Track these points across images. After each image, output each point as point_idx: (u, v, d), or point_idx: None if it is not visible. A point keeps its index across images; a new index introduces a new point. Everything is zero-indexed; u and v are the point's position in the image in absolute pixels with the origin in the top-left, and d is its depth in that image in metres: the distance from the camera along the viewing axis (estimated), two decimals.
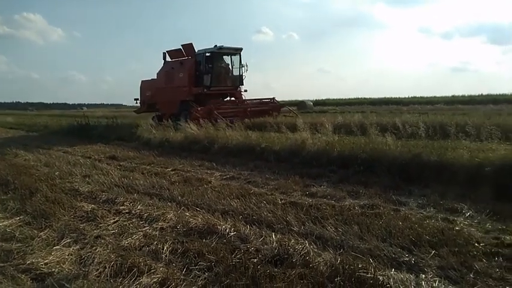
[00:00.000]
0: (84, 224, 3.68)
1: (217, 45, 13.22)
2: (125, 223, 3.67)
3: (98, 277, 2.60)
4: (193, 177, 5.69)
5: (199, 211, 3.95)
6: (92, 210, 4.07)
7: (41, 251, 3.02)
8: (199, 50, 13.63)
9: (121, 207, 4.20)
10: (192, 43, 13.70)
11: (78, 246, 3.14)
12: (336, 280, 2.42)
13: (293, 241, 3.03)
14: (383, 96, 38.28)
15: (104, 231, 3.48)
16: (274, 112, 13.92)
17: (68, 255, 2.95)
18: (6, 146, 9.61)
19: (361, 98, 39.23)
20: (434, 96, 35.68)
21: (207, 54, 13.41)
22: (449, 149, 5.38)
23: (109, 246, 3.08)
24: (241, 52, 13.86)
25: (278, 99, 14.93)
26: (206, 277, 2.57)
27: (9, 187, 5.20)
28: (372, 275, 2.44)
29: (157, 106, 15.00)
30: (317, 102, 35.17)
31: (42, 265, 2.77)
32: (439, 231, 3.18)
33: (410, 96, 37.37)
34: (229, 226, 3.40)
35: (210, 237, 3.23)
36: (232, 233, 3.26)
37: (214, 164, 6.63)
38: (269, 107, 14.14)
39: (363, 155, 5.79)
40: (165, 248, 3.00)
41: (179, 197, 4.52)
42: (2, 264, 2.85)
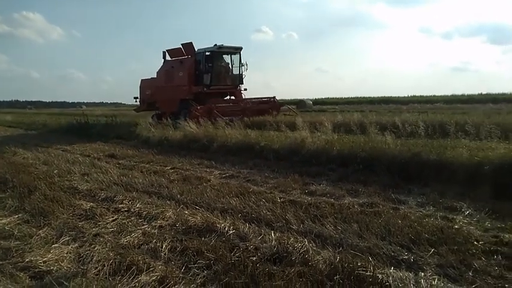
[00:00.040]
0: (82, 222, 3.68)
1: (217, 44, 13.21)
2: (124, 221, 3.67)
3: (97, 275, 2.59)
4: (192, 175, 5.68)
5: (198, 209, 3.94)
6: (91, 208, 4.07)
7: (40, 249, 3.01)
8: (199, 49, 13.62)
9: (120, 205, 4.19)
10: (192, 42, 13.71)
11: (76, 244, 3.13)
12: (335, 278, 2.42)
13: (292, 239, 3.03)
14: (382, 95, 38.35)
15: (103, 229, 3.47)
16: (273, 111, 13.91)
17: (67, 253, 2.94)
18: (5, 144, 9.60)
19: (360, 97, 39.36)
20: (433, 95, 35.76)
21: (207, 53, 13.40)
22: (448, 148, 5.39)
23: (108, 244, 3.07)
24: (241, 51, 13.85)
25: (278, 98, 14.92)
26: (205, 275, 2.57)
27: (7, 185, 5.20)
28: (371, 273, 2.43)
29: (157, 105, 14.99)
30: (316, 101, 35.20)
31: (40, 263, 2.77)
32: (438, 229, 3.18)
33: (409, 95, 37.43)
34: (228, 224, 3.39)
35: (209, 235, 3.23)
36: (231, 231, 3.25)
37: (213, 163, 6.63)
38: (269, 106, 14.12)
39: (363, 154, 5.80)
40: (164, 246, 3.00)
41: (178, 195, 4.52)
42: (1, 262, 2.84)
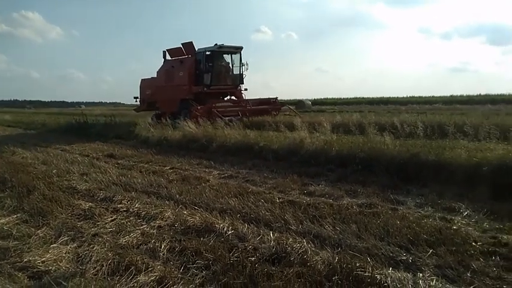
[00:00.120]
0: (81, 222, 3.68)
1: (217, 43, 13.20)
2: (123, 221, 3.67)
3: (95, 275, 2.59)
4: (191, 175, 5.68)
5: (197, 209, 3.94)
6: (90, 208, 4.07)
7: (38, 249, 3.01)
8: (199, 49, 13.60)
9: (119, 205, 4.19)
10: (192, 42, 13.69)
11: (75, 244, 3.13)
12: (334, 279, 2.42)
13: (291, 240, 3.03)
14: (381, 96, 38.36)
15: (102, 229, 3.47)
16: (273, 111, 13.90)
17: (65, 253, 2.94)
18: (3, 144, 9.59)
19: (359, 98, 39.29)
20: (432, 96, 35.75)
21: (207, 52, 13.37)
22: (447, 149, 5.39)
23: (106, 244, 3.07)
24: (241, 51, 13.83)
25: (274, 98, 14.85)
26: (204, 275, 2.57)
27: (6, 185, 5.19)
28: (370, 274, 2.44)
29: (157, 105, 14.97)
30: (315, 101, 35.20)
31: (39, 263, 2.77)
32: (437, 230, 3.19)
33: (408, 95, 37.44)
34: (227, 225, 3.39)
35: (208, 235, 3.23)
36: (230, 232, 3.25)
37: (212, 163, 6.63)
38: (269, 106, 14.11)
39: (361, 154, 5.80)
40: (163, 247, 3.00)
41: (177, 196, 4.52)
42: None
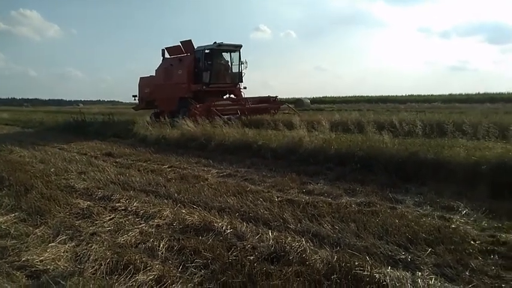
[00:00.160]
0: (79, 221, 3.67)
1: (216, 42, 13.16)
2: (121, 220, 3.66)
3: (94, 274, 2.59)
4: (189, 174, 5.67)
5: (195, 208, 3.94)
6: (88, 207, 4.06)
7: (36, 248, 3.00)
8: (198, 47, 13.52)
9: (117, 204, 4.18)
10: (191, 40, 13.64)
11: (73, 243, 3.12)
12: (333, 278, 2.43)
13: (290, 239, 3.03)
14: (380, 94, 38.37)
15: (100, 228, 3.46)
16: (272, 110, 13.88)
17: (64, 252, 2.93)
18: (1, 142, 9.53)
19: (358, 96, 39.31)
20: (431, 94, 35.79)
21: (206, 51, 13.30)
22: (446, 147, 5.40)
23: (105, 243, 3.06)
24: (240, 49, 13.77)
25: (274, 96, 14.85)
26: (202, 274, 2.57)
27: (4, 183, 5.17)
28: (369, 273, 2.44)
29: (156, 103, 14.91)
30: (314, 100, 35.20)
31: (37, 262, 2.76)
32: (436, 229, 3.19)
33: (407, 94, 37.46)
34: (225, 223, 3.39)
35: (207, 234, 3.22)
36: (228, 231, 3.25)
37: (211, 161, 6.62)
38: (268, 105, 14.09)
39: (360, 153, 5.80)
40: (161, 245, 2.99)
41: (175, 194, 4.51)
42: None
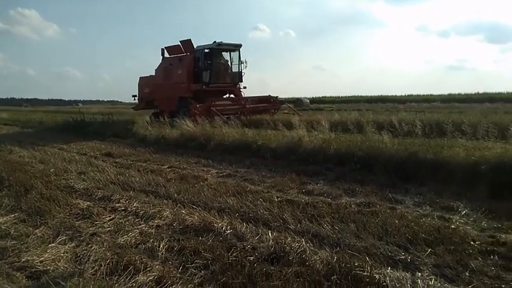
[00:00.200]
0: (79, 222, 3.66)
1: (216, 41, 13.14)
2: (121, 221, 3.66)
3: (94, 275, 2.59)
4: (189, 174, 5.67)
5: (195, 209, 3.94)
6: (88, 207, 4.05)
7: (36, 249, 3.00)
8: (198, 46, 13.48)
9: (117, 204, 4.18)
10: (191, 39, 13.61)
11: (73, 243, 3.12)
12: (332, 278, 2.43)
13: (289, 239, 3.03)
14: (379, 94, 38.38)
15: (100, 228, 3.46)
16: (272, 110, 13.87)
17: (64, 252, 2.93)
18: (0, 143, 9.52)
19: (357, 96, 39.30)
20: (430, 94, 35.78)
21: (206, 50, 13.27)
22: (445, 147, 5.40)
23: (105, 243, 3.06)
24: (240, 48, 13.74)
25: (274, 96, 14.86)
26: (202, 275, 2.57)
27: (3, 184, 5.15)
28: (368, 273, 2.44)
29: (155, 103, 14.88)
30: (313, 100, 35.18)
31: (37, 263, 2.76)
32: (435, 229, 3.20)
33: (406, 94, 37.47)
34: (225, 224, 3.39)
35: (207, 235, 3.22)
36: (228, 231, 3.25)
37: (210, 162, 6.61)
38: (268, 105, 14.06)
39: (360, 153, 5.80)
40: (161, 246, 2.99)
41: (175, 195, 4.51)
42: None
